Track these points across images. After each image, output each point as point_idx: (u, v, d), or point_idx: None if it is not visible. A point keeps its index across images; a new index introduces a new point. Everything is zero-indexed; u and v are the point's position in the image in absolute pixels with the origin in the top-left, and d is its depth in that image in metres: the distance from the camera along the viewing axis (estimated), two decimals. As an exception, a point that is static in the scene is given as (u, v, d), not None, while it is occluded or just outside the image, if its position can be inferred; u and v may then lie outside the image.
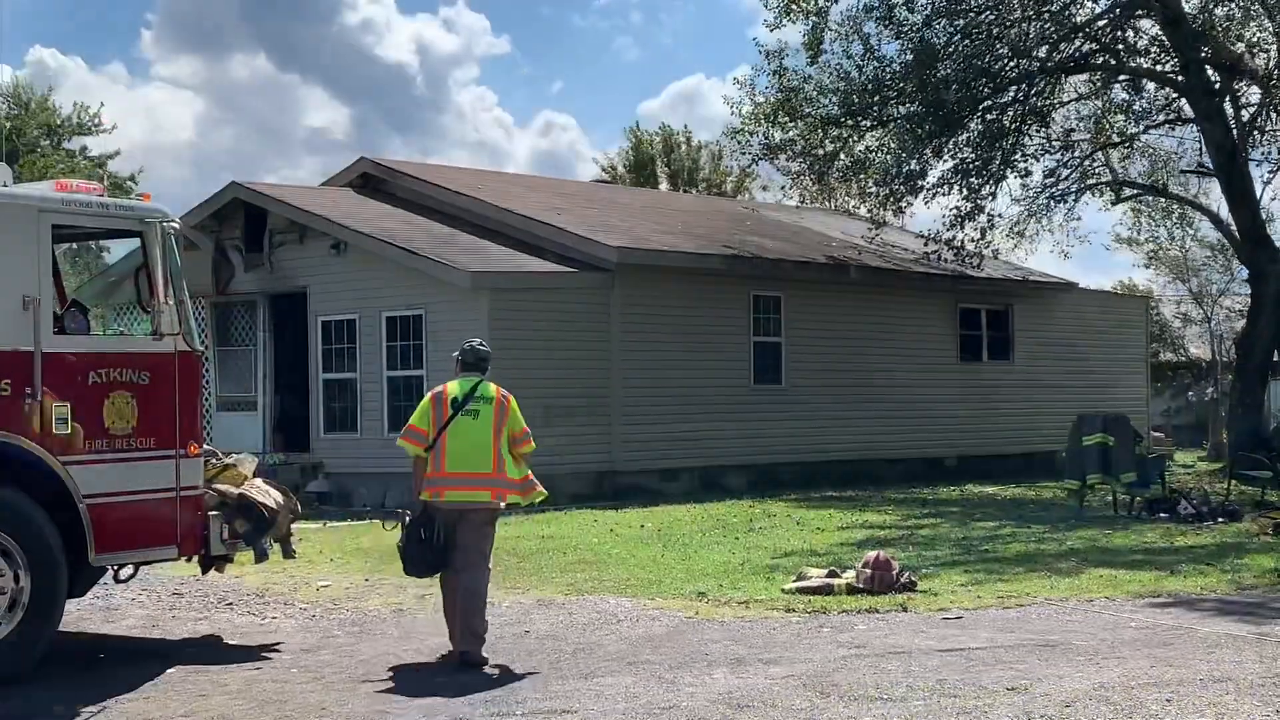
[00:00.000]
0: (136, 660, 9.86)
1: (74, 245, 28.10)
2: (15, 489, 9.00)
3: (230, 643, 10.60)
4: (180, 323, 9.96)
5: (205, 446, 10.53)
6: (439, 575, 9.82)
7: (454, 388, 9.82)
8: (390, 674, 9.14)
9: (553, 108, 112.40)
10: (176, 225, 10.18)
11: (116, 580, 10.69)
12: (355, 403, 22.94)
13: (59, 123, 44.61)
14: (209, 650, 10.32)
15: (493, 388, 9.86)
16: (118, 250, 28.53)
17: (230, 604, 12.30)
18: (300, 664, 9.57)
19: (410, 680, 8.89)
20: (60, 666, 9.46)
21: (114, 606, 12.19)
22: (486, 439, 9.63)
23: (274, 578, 13.50)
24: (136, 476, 9.62)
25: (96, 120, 45.24)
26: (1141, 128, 29.31)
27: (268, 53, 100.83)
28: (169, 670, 9.41)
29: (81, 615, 11.63)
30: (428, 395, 10.00)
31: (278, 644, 10.37)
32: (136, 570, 10.62)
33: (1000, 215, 28.81)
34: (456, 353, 10.19)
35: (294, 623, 11.36)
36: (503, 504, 9.90)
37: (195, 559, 10.46)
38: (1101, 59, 26.90)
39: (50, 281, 9.53)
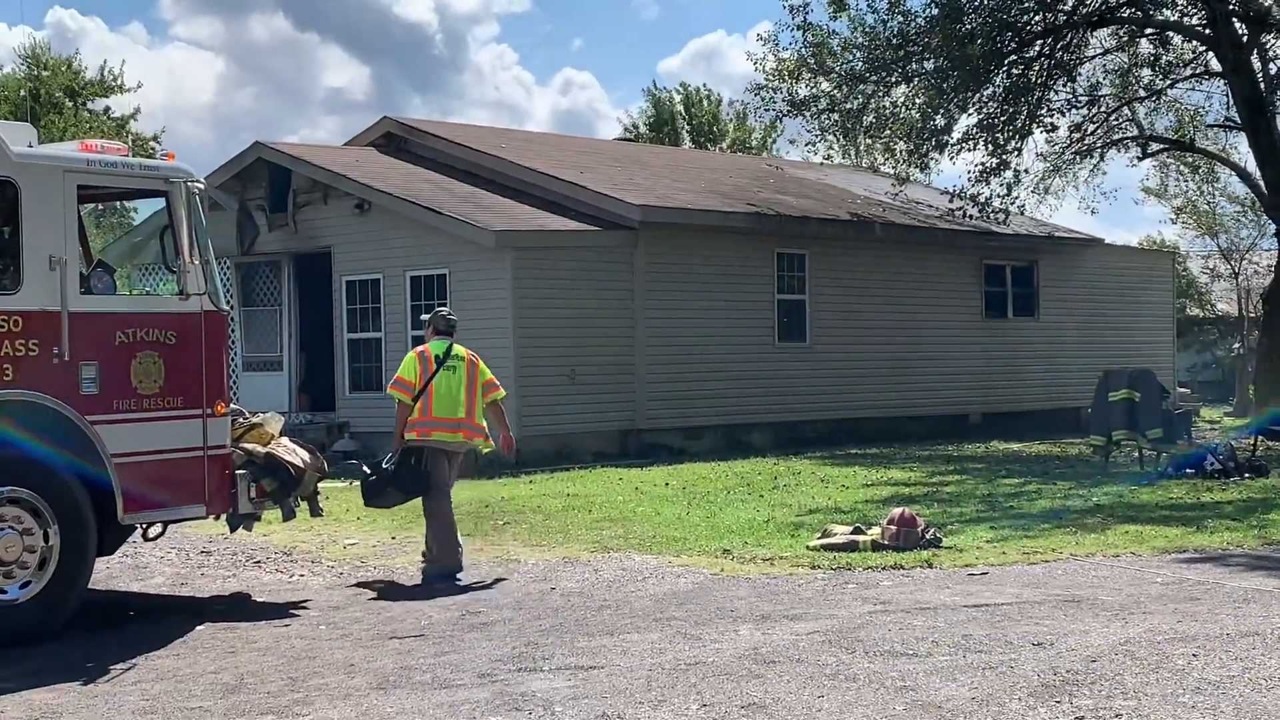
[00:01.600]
0: (166, 617, 9.96)
1: (99, 205, 28.22)
2: (43, 448, 9.07)
3: (259, 600, 10.68)
4: (206, 282, 9.99)
5: (232, 406, 10.58)
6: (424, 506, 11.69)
7: (434, 348, 11.74)
8: (417, 630, 9.19)
9: (573, 66, 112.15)
10: (201, 185, 10.20)
11: (145, 538, 10.76)
12: (380, 362, 23.00)
13: (81, 85, 44.52)
14: (238, 608, 10.40)
15: (463, 349, 11.83)
16: (143, 210, 28.65)
17: (258, 562, 12.38)
18: (328, 621, 9.64)
19: (437, 637, 8.94)
20: (90, 623, 9.54)
21: (143, 565, 12.29)
22: (462, 391, 11.63)
23: (301, 536, 13.59)
24: (164, 435, 9.68)
25: (119, 80, 45.13)
26: (1168, 82, 29.04)
27: (286, 12, 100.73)
28: (198, 627, 9.49)
29: (111, 573, 11.73)
30: (413, 353, 11.79)
31: (306, 601, 10.44)
32: (165, 529, 10.69)
33: (1026, 170, 28.67)
34: (428, 317, 12.14)
35: (321, 580, 11.44)
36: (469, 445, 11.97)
37: (223, 517, 10.54)
38: (1128, 12, 26.65)
39: (76, 241, 9.56)
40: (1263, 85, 26.29)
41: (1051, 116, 27.75)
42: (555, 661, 8.05)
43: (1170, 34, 27.31)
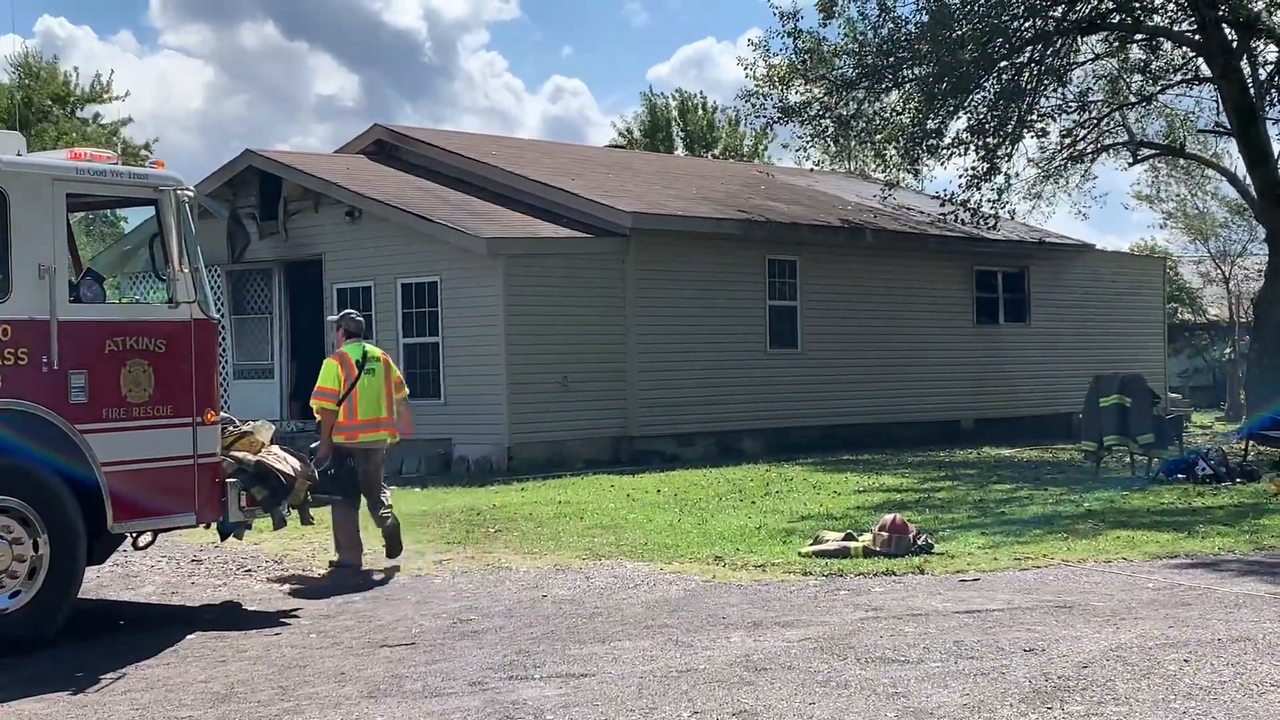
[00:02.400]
0: (156, 626, 9.93)
1: (89, 214, 28.17)
2: (33, 457, 9.04)
3: (249, 609, 10.65)
4: (195, 290, 9.97)
5: (222, 414, 10.56)
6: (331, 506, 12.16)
7: (351, 352, 12.37)
8: (408, 639, 9.17)
9: (563, 73, 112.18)
10: (191, 193, 10.18)
11: (135, 547, 10.74)
12: (371, 370, 22.93)
13: (67, 94, 44.38)
14: (228, 616, 10.38)
15: (376, 349, 12.64)
16: (133, 219, 28.57)
17: (249, 570, 12.36)
18: (319, 629, 9.62)
19: (428, 645, 8.92)
20: (81, 632, 9.51)
21: (133, 573, 12.26)
22: (382, 392, 12.42)
23: (292, 544, 13.56)
24: (154, 444, 9.66)
25: (108, 88, 44.99)
26: (1158, 87, 29.11)
27: (275, 20, 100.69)
28: (188, 636, 9.47)
29: (101, 582, 11.70)
30: (333, 360, 12.38)
31: (296, 610, 10.42)
32: (155, 537, 10.66)
33: (1017, 174, 28.71)
34: (336, 318, 12.79)
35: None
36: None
37: (214, 526, 10.51)
38: (1118, 18, 26.70)
39: (66, 250, 9.54)
40: (1252, 91, 26.35)
41: (1042, 122, 27.80)
42: (546, 669, 8.03)
43: (1160, 40, 27.36)
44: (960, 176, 27.25)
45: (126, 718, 7.31)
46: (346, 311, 13.02)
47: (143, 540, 10.54)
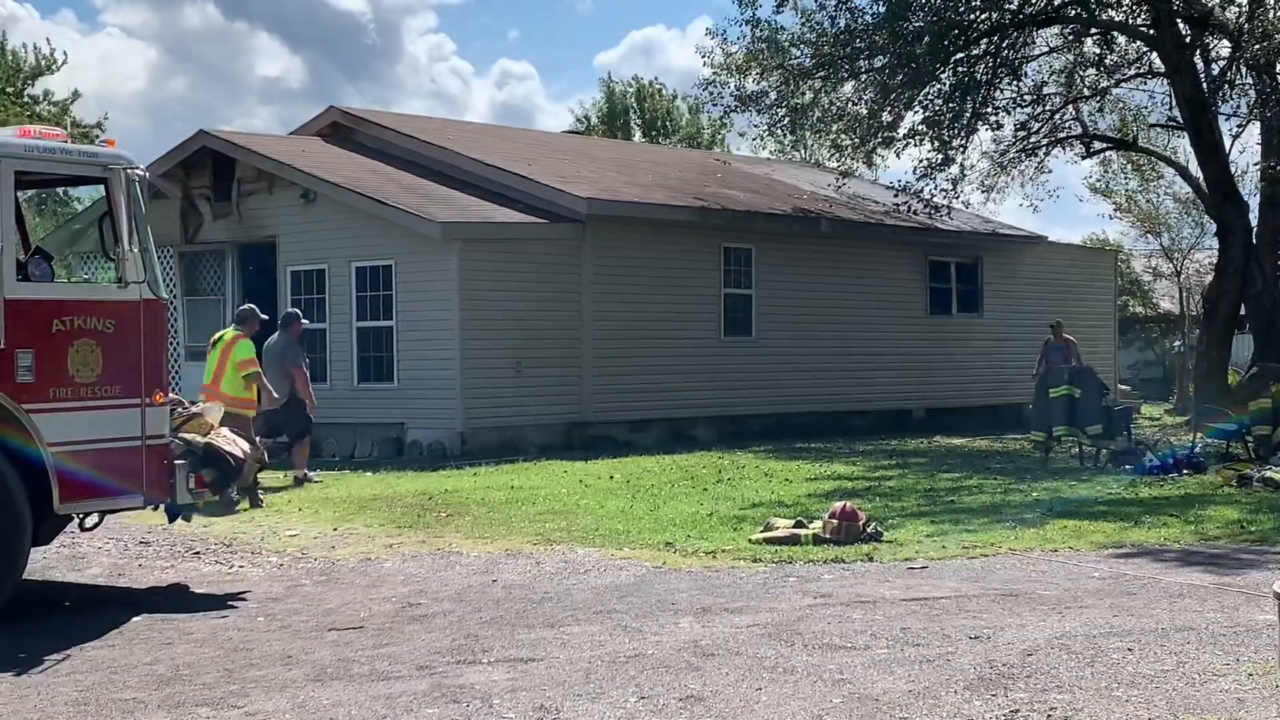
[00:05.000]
0: (102, 608, 9.86)
1: (39, 192, 27.88)
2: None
3: (197, 591, 10.60)
4: (145, 270, 9.90)
5: (172, 395, 10.49)
6: None
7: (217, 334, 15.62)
8: (356, 622, 9.15)
9: (510, 56, 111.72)
10: (142, 172, 10.10)
11: (82, 529, 10.65)
12: (325, 353, 22.86)
13: (16, 71, 43.71)
14: (175, 599, 10.32)
15: (229, 331, 15.87)
16: (86, 198, 28.27)
17: (197, 553, 12.29)
18: (267, 612, 9.58)
19: (376, 629, 8.90)
20: (25, 614, 9.44)
21: (80, 555, 12.16)
22: (215, 365, 15.48)
23: (241, 527, 13.48)
24: (102, 425, 9.59)
25: (51, 59, 44.26)
26: (1113, 81, 29.28)
27: (215, 1, 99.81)
28: (134, 618, 9.41)
29: (47, 563, 11.61)
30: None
31: (245, 593, 10.37)
32: (102, 519, 10.59)
33: (972, 166, 28.79)
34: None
35: (261, 572, 11.36)
36: None
37: (161, 508, 10.44)
38: (1073, 11, 26.83)
39: (14, 228, 9.45)
40: (1205, 86, 26.56)
41: (997, 115, 27.90)
42: (494, 654, 8.03)
43: (1115, 34, 27.53)
44: (915, 167, 27.31)
45: (71, 699, 7.26)
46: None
47: (89, 521, 10.47)
